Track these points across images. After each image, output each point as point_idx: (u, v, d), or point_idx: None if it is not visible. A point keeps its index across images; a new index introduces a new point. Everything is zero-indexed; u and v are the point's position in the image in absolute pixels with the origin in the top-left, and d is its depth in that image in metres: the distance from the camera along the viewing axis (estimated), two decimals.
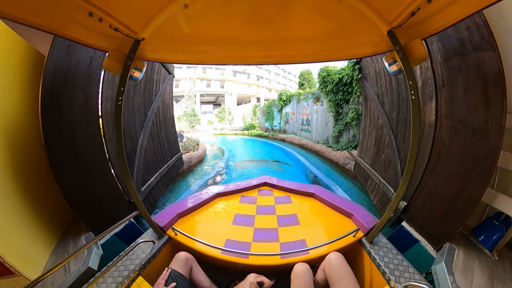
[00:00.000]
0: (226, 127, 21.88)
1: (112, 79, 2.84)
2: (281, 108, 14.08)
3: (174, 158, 5.45)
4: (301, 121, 11.51)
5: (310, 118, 10.40)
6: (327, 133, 8.60)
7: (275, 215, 2.03)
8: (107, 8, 1.03)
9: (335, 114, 7.50)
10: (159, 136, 4.71)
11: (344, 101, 7.03)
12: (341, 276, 1.18)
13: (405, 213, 2.47)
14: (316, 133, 9.80)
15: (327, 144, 8.41)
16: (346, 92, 6.78)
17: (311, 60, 1.52)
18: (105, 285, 1.24)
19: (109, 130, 2.69)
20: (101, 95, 2.54)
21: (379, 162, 3.90)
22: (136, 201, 1.45)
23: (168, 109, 5.65)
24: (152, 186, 3.79)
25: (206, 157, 8.91)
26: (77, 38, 1.12)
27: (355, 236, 1.59)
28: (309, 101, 10.36)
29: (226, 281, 1.67)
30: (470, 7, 0.91)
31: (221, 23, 1.26)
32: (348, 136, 6.96)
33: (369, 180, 4.26)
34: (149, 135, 4.07)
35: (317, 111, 9.52)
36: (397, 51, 1.14)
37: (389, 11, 1.09)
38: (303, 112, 11.30)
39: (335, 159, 6.88)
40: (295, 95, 12.14)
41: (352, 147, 6.52)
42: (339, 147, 7.16)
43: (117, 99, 1.26)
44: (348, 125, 6.89)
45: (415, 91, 1.15)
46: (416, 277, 1.25)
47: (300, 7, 1.14)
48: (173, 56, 1.46)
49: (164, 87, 5.18)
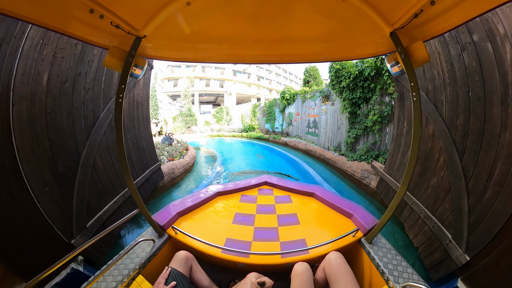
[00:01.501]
0: (224, 128, 20.33)
1: (33, 66, 1.96)
2: (284, 108, 12.58)
3: (148, 171, 4.26)
4: (307, 123, 10.17)
5: (317, 119, 9.09)
6: (339, 138, 7.27)
7: (275, 215, 2.03)
8: (108, 5, 1.02)
9: (351, 115, 6.23)
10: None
11: (363, 100, 5.79)
12: (340, 275, 1.19)
13: (465, 269, 1.87)
14: (325, 137, 8.43)
15: (339, 151, 7.03)
16: (367, 89, 5.56)
17: (312, 60, 1.53)
18: (105, 283, 1.24)
19: (26, 144, 1.86)
20: (13, 93, 1.77)
21: (426, 188, 2.79)
22: (136, 199, 1.45)
23: (141, 109, 4.46)
24: (108, 216, 2.75)
25: (197, 165, 7.59)
26: (78, 35, 1.11)
27: (355, 236, 1.60)
28: (317, 100, 9.08)
29: (226, 280, 1.67)
30: (473, 10, 0.91)
31: (223, 21, 1.25)
32: (367, 144, 5.67)
33: (405, 210, 3.12)
34: (102, 145, 2.90)
35: (327, 112, 8.26)
36: (399, 53, 1.14)
37: (392, 13, 1.09)
38: (309, 112, 9.93)
39: (350, 171, 5.67)
40: (300, 93, 10.80)
41: (373, 158, 5.31)
42: (356, 157, 5.76)
43: (118, 97, 1.26)
44: (368, 130, 5.68)
45: (417, 93, 1.16)
46: (414, 278, 1.27)
47: (303, 7, 1.14)
48: (174, 54, 1.46)
49: (135, 79, 3.96)
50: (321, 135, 8.86)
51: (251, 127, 17.69)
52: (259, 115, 17.29)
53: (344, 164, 6.02)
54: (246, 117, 19.01)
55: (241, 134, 17.63)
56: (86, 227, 2.35)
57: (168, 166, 5.31)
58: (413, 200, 2.95)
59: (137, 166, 3.98)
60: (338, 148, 7.23)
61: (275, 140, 13.17)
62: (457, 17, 0.97)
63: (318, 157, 8.08)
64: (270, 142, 13.69)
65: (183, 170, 5.91)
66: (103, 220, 2.65)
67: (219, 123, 21.85)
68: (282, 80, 39.01)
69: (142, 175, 4.00)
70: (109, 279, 1.27)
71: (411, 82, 1.16)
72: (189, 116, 21.13)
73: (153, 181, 4.44)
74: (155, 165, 4.65)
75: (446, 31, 1.05)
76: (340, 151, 7.03)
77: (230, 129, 19.59)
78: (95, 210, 2.61)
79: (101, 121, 2.92)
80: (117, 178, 3.15)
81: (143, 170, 4.15)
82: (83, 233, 2.28)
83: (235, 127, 19.44)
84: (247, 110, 18.88)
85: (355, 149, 6.17)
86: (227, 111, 22.17)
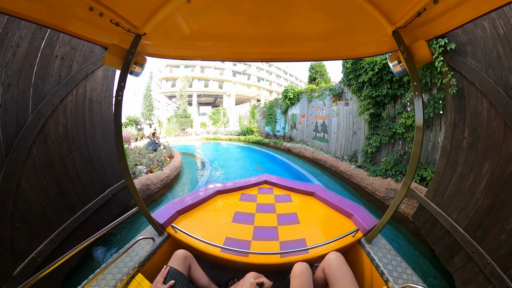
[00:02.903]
0: (220, 130, 19.01)
1: None
2: (287, 108, 11.19)
3: (109, 190, 3.26)
4: (314, 127, 8.74)
5: (327, 122, 7.80)
6: (355, 145, 6.02)
7: (275, 214, 2.03)
8: (108, 3, 1.02)
9: (373, 118, 5.03)
10: (64, 159, 2.55)
11: (390, 98, 4.61)
12: (340, 276, 1.18)
13: None
14: (336, 144, 7.09)
15: (355, 162, 5.75)
16: (397, 84, 4.41)
17: (313, 58, 1.52)
18: (104, 281, 1.24)
19: None
20: None
21: (498, 233, 1.92)
22: (136, 197, 1.45)
23: (97, 109, 3.28)
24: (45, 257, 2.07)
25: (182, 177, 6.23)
26: (77, 33, 1.10)
27: (355, 236, 1.59)
28: (326, 100, 7.79)
29: (225, 279, 1.67)
30: (477, 9, 0.89)
31: (224, 19, 1.24)
32: (393, 155, 4.43)
33: (459, 257, 2.22)
34: (31, 162, 2.11)
35: (339, 113, 7.01)
36: (402, 52, 1.13)
37: (394, 11, 1.08)
38: (317, 114, 8.55)
39: (370, 189, 4.50)
40: (306, 92, 9.40)
41: (403, 174, 4.12)
42: (379, 171, 4.51)
43: (117, 95, 1.25)
44: (396, 137, 4.44)
45: (419, 92, 1.15)
46: (414, 279, 1.26)
47: (304, 4, 1.13)
48: (174, 52, 1.45)
49: (87, 70, 2.94)
50: (331, 141, 7.48)
51: (250, 130, 16.14)
52: (258, 116, 15.77)
53: (364, 180, 4.81)
54: (244, 119, 17.65)
55: (239, 137, 16.12)
56: (12, 276, 1.76)
57: (141, 181, 4.21)
58: (474, 247, 2.03)
59: (89, 187, 2.87)
60: (354, 158, 5.88)
61: (276, 146, 11.64)
62: (461, 16, 0.95)
63: (329, 168, 6.61)
64: (271, 147, 12.06)
65: (161, 185, 4.72)
66: (37, 263, 1.99)
67: (216, 125, 20.41)
68: (282, 81, 38.89)
69: (96, 199, 2.93)
70: (108, 277, 1.28)
71: (413, 81, 1.15)
72: (185, 118, 19.90)
73: (118, 202, 3.39)
74: (121, 181, 3.60)
75: (449, 31, 1.04)
76: (356, 161, 5.70)
77: (227, 132, 18.26)
78: (26, 251, 1.94)
79: (28, 129, 2.08)
80: (55, 206, 2.30)
81: (101, 190, 3.13)
82: (9, 284, 1.71)
83: (232, 130, 18.05)
84: (246, 111, 17.47)
85: (376, 161, 4.97)
86: (224, 112, 20.56)
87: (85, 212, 2.69)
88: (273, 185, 2.69)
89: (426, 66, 3.57)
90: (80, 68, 2.85)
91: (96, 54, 3.13)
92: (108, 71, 3.61)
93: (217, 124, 20.39)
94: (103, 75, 3.46)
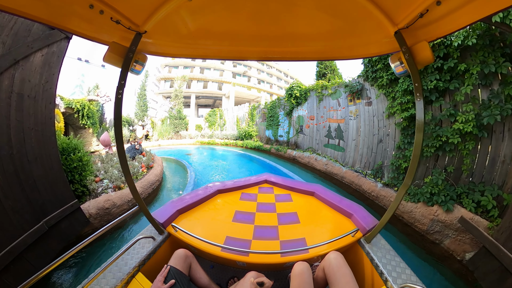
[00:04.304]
0: (216, 134, 17.50)
1: None
2: (291, 109, 9.54)
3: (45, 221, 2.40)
4: (326, 131, 7.28)
5: (343, 126, 6.49)
6: (380, 156, 4.78)
7: (275, 213, 2.03)
8: (109, 0, 1.01)
9: (410, 121, 3.91)
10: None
11: (438, 93, 3.41)
12: (340, 275, 1.19)
13: None
14: (355, 154, 5.74)
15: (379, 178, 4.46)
16: (449, 75, 3.23)
17: (315, 58, 1.51)
18: (105, 280, 1.24)
19: None
20: None
21: None
22: (136, 197, 1.45)
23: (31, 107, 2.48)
24: None
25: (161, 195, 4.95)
26: (77, 31, 1.09)
27: (354, 236, 1.60)
28: (341, 98, 6.53)
29: (225, 279, 1.68)
30: (479, 12, 0.90)
31: (225, 17, 1.23)
32: (440, 173, 3.31)
33: None
34: None
35: (358, 115, 5.71)
36: (404, 53, 1.13)
37: (397, 12, 1.08)
38: (329, 116, 7.15)
39: (407, 218, 3.44)
40: (315, 89, 7.91)
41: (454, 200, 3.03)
42: (422, 195, 3.30)
43: (117, 93, 1.24)
44: (446, 148, 3.26)
45: (421, 93, 1.15)
46: (413, 279, 1.27)
47: (307, 4, 1.12)
48: (175, 50, 1.44)
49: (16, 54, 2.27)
50: (349, 150, 6.10)
51: (248, 134, 14.30)
52: (257, 119, 14.02)
53: (399, 206, 3.43)
54: (242, 121, 16.03)
55: (236, 142, 14.67)
56: None
57: (98, 204, 3.15)
58: None
59: (16, 216, 2.15)
60: (379, 173, 4.56)
61: (278, 153, 9.96)
62: (463, 18, 0.95)
63: (348, 185, 5.28)
64: (272, 155, 10.42)
65: (129, 206, 3.58)
66: None
67: (212, 127, 18.95)
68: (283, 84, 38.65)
69: (26, 234, 2.18)
70: (109, 276, 1.27)
71: (415, 82, 1.16)
72: (179, 119, 18.42)
73: (60, 234, 2.55)
74: (66, 206, 2.64)
75: (451, 32, 1.04)
76: (381, 178, 4.40)
77: (223, 135, 16.83)
78: None
79: None
80: None
81: (33, 220, 2.32)
82: None
83: (229, 133, 16.56)
84: (244, 113, 15.78)
85: (415, 180, 3.70)
86: (221, 114, 18.95)
87: (11, 251, 2.01)
88: (274, 185, 2.70)
89: (487, 51, 2.80)
90: (7, 52, 2.18)
91: (34, 34, 2.37)
92: (52, 57, 2.65)
93: (213, 127, 19.06)
94: (42, 62, 2.57)
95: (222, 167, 8.40)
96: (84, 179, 3.50)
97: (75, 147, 3.50)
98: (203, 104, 34.56)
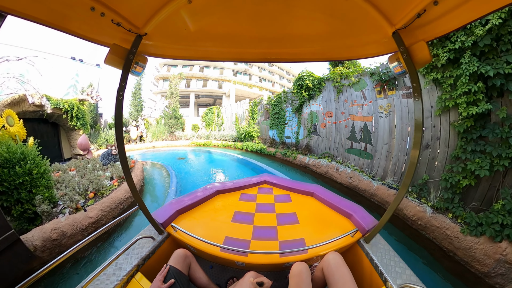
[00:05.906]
0: (213, 134, 15.93)
1: None
2: (301, 104, 7.65)
3: None
4: (349, 132, 5.67)
5: (370, 125, 5.04)
6: (425, 168, 3.57)
7: (274, 214, 2.04)
8: (109, 3, 1.02)
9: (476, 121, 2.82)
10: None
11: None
12: (339, 276, 1.19)
13: None
14: (387, 162, 4.50)
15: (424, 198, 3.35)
16: None
17: (313, 59, 1.52)
18: (104, 280, 1.25)
19: None
20: None
21: None
22: (136, 197, 1.46)
23: None
24: None
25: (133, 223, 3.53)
26: (78, 33, 1.11)
27: (354, 236, 1.60)
28: (367, 90, 5.07)
29: (225, 279, 1.68)
30: (477, 11, 0.90)
31: (224, 19, 1.25)
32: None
33: None
34: None
35: (392, 111, 4.45)
36: (402, 53, 1.14)
37: (394, 12, 1.08)
38: (352, 112, 5.54)
39: (461, 255, 2.59)
40: (333, 78, 6.16)
41: None
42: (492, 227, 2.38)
43: (118, 94, 1.26)
44: None
45: (419, 93, 1.16)
46: (413, 279, 1.26)
47: (305, 5, 1.13)
48: (175, 52, 1.46)
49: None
50: (378, 157, 4.73)
51: (248, 135, 12.18)
52: (259, 117, 11.99)
53: (454, 240, 2.69)
54: (242, 120, 14.05)
55: (234, 144, 12.71)
56: None
57: (43, 234, 2.44)
58: None
59: None
60: (425, 191, 3.43)
61: (285, 158, 8.00)
62: (461, 17, 0.96)
63: (379, 206, 4.08)
64: (278, 160, 8.45)
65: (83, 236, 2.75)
66: None
67: (209, 127, 17.37)
68: (285, 83, 38.21)
69: None
70: (108, 275, 1.28)
71: (413, 82, 1.16)
72: (174, 119, 17.12)
73: None
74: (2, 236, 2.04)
75: (449, 32, 1.04)
76: (426, 198, 3.31)
77: (221, 136, 15.05)
78: None
79: None
80: None
81: None
82: None
83: (227, 134, 14.62)
84: (244, 110, 13.68)
85: (467, 202, 2.91)
86: (218, 112, 17.24)
87: None
88: (273, 185, 2.70)
89: None
90: None
91: None
92: None
93: (210, 127, 17.40)
94: None
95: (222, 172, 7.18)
96: (34, 197, 2.70)
97: (23, 157, 2.73)
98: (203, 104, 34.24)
